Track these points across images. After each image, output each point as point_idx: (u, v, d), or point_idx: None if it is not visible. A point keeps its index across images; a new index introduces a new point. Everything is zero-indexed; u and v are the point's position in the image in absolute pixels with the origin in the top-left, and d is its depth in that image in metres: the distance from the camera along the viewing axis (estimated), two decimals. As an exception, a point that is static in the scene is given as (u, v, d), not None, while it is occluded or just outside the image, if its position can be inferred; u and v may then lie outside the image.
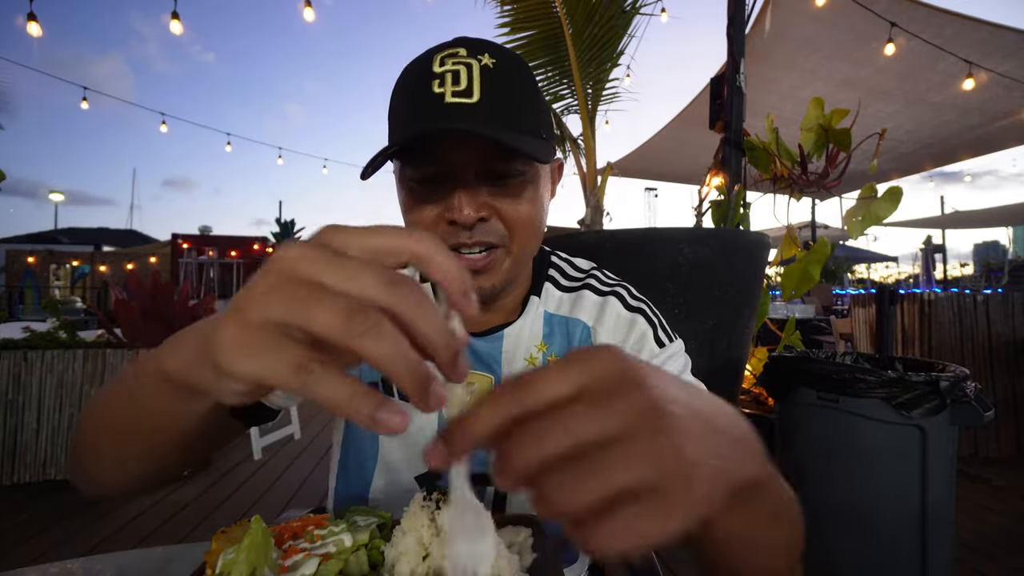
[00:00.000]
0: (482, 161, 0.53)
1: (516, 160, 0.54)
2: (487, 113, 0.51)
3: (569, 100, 3.24)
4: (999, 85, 5.30)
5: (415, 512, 0.44)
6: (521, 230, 0.56)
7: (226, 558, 0.38)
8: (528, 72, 0.58)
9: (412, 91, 0.54)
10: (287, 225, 15.84)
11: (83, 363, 2.55)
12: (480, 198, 0.54)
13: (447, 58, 0.53)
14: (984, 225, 17.03)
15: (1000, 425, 2.94)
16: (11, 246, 15.99)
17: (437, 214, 0.55)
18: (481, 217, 0.54)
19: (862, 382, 1.59)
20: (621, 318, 0.66)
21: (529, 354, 0.66)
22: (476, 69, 0.52)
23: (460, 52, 0.54)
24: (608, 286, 0.69)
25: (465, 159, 0.53)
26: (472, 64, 0.53)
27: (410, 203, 0.57)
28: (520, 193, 0.56)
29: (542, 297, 0.68)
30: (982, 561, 1.86)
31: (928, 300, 3.01)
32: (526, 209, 0.56)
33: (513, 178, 0.55)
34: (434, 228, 0.55)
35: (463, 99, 0.51)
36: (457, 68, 0.52)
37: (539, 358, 0.66)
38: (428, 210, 0.55)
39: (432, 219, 0.55)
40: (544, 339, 0.66)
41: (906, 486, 1.57)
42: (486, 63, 0.53)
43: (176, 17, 5.06)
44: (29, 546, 1.97)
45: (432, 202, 0.55)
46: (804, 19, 4.68)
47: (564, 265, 0.73)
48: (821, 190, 2.49)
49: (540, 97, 0.60)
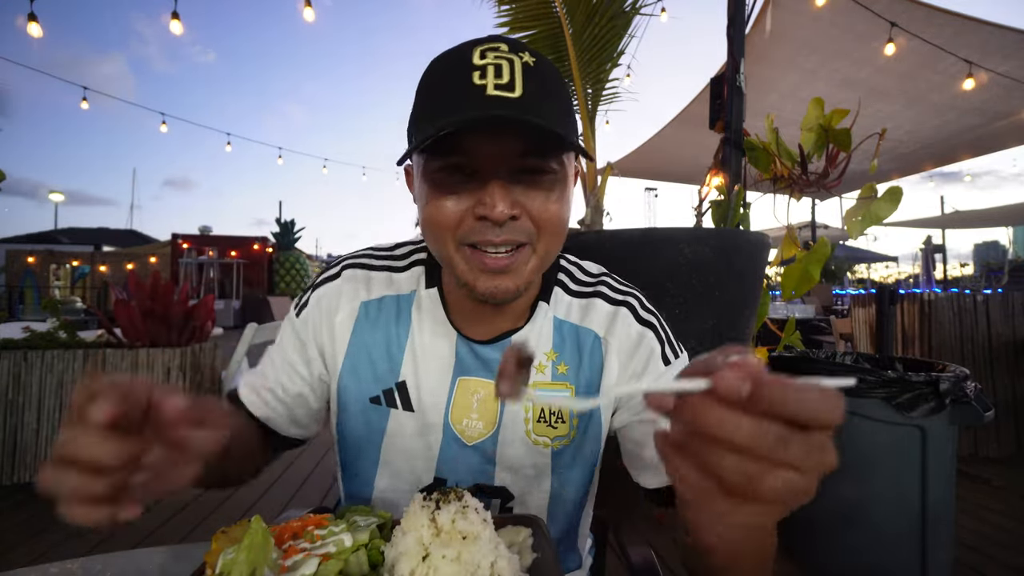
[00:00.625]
0: (518, 157, 0.52)
1: (551, 158, 0.53)
2: (529, 109, 0.49)
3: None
4: (999, 85, 5.30)
5: (415, 512, 0.44)
6: (550, 230, 0.55)
7: (226, 558, 0.39)
8: (561, 77, 0.57)
9: (450, 81, 0.52)
10: (287, 225, 15.80)
11: (83, 363, 2.55)
12: (513, 195, 0.52)
13: (488, 51, 0.52)
14: (984, 225, 17.02)
15: (1000, 425, 2.94)
16: (11, 246, 16.00)
17: (465, 209, 0.53)
18: (512, 215, 0.52)
19: (862, 382, 1.59)
20: (631, 331, 0.65)
21: (538, 362, 0.64)
22: (518, 65, 0.51)
23: (501, 47, 0.52)
24: (620, 294, 0.68)
25: (501, 153, 0.51)
26: (514, 60, 0.51)
27: (434, 196, 0.54)
28: (551, 193, 0.54)
29: (551, 302, 0.67)
30: (982, 561, 1.86)
31: (928, 300, 3.01)
32: (555, 209, 0.55)
33: (546, 176, 0.54)
34: (459, 223, 0.53)
35: (506, 93, 0.49)
36: (499, 62, 0.51)
37: (548, 367, 0.64)
38: (455, 204, 0.53)
39: (458, 214, 0.53)
40: (554, 347, 0.65)
41: (906, 486, 1.57)
42: (527, 60, 0.52)
43: (176, 17, 5.06)
44: (29, 546, 1.97)
45: (460, 195, 0.53)
46: (804, 19, 4.68)
47: (573, 269, 0.71)
48: (821, 190, 2.48)
49: (571, 101, 0.59)
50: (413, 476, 0.65)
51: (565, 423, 0.63)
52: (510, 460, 0.63)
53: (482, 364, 0.64)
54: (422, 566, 0.40)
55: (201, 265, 14.05)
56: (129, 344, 2.69)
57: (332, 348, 0.66)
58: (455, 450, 0.63)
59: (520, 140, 0.51)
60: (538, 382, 0.63)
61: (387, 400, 0.64)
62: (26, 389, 2.50)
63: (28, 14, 4.80)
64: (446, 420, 0.63)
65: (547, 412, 0.63)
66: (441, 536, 0.42)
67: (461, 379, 0.64)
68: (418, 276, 0.68)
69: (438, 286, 0.66)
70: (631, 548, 0.73)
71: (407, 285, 0.68)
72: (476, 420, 0.63)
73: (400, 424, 0.64)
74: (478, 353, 0.64)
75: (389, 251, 0.71)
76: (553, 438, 0.63)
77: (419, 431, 0.64)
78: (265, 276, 15.04)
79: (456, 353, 0.64)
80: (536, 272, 0.57)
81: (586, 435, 0.65)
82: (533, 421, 0.63)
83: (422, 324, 0.65)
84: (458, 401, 0.63)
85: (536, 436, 0.63)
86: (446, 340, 0.64)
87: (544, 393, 0.63)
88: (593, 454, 0.67)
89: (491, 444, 0.63)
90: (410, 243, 0.73)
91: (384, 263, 0.69)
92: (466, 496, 0.46)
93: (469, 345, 0.64)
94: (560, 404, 0.52)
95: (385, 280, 0.68)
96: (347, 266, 0.69)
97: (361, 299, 0.67)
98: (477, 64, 0.50)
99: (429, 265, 0.68)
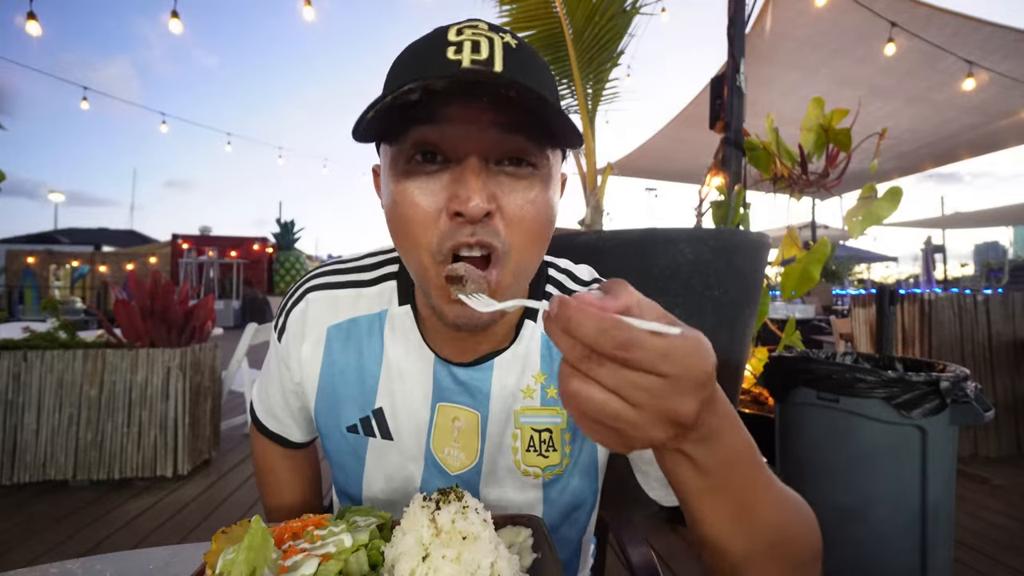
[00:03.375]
0: (494, 140, 0.45)
1: (531, 151, 0.46)
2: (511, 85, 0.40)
3: (569, 100, 3.24)
4: (999, 85, 5.30)
5: (415, 512, 0.44)
6: (524, 236, 0.47)
7: (226, 558, 0.38)
8: (549, 68, 0.50)
9: (420, 57, 0.45)
10: (287, 225, 15.79)
11: (83, 363, 2.55)
12: (489, 187, 0.45)
13: (465, 28, 0.45)
14: (984, 225, 17.02)
15: (1000, 425, 2.94)
16: (11, 246, 15.99)
17: (438, 208, 0.45)
18: (487, 210, 0.44)
19: (862, 382, 1.59)
20: None
21: (526, 385, 0.59)
22: (499, 43, 0.45)
23: (480, 25, 0.46)
24: None
25: (478, 134, 0.44)
26: (494, 38, 0.45)
27: (401, 189, 0.46)
28: (530, 191, 0.47)
29: (539, 319, 0.60)
30: (982, 561, 1.86)
31: (928, 300, 3.01)
32: (532, 212, 0.47)
33: (526, 169, 0.47)
34: (433, 226, 0.46)
35: (484, 68, 0.43)
36: (478, 39, 0.44)
37: (537, 390, 0.59)
38: (426, 199, 0.46)
39: (432, 215, 0.45)
40: (543, 369, 0.59)
41: (906, 486, 1.57)
42: (508, 41, 0.45)
43: (176, 16, 5.06)
44: (29, 546, 1.97)
45: (432, 188, 0.46)
46: (804, 19, 4.68)
47: (563, 278, 0.64)
48: (821, 190, 2.49)
49: (558, 93, 0.52)
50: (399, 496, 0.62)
51: (556, 451, 0.59)
52: (493, 499, 0.59)
53: (462, 389, 0.58)
54: (422, 566, 0.40)
55: (201, 265, 14.05)
56: (129, 344, 2.69)
57: (301, 377, 0.62)
58: (438, 479, 0.59)
59: (496, 119, 0.44)
60: (526, 407, 0.58)
61: (364, 429, 0.60)
62: (26, 389, 2.50)
63: (28, 13, 4.81)
64: (427, 449, 0.59)
65: (536, 440, 0.58)
66: (441, 536, 0.42)
67: (440, 405, 0.59)
68: (389, 293, 0.62)
69: (411, 303, 0.60)
70: (631, 548, 0.72)
71: (377, 304, 0.61)
72: (458, 450, 0.59)
73: (380, 452, 0.60)
74: (457, 377, 0.58)
75: (356, 263, 0.65)
76: (544, 467, 0.59)
77: (400, 460, 0.60)
78: (265, 276, 15.04)
79: (434, 377, 0.59)
80: (511, 287, 0.49)
81: (579, 463, 0.60)
82: (522, 450, 0.58)
83: (396, 346, 0.60)
84: (439, 428, 0.59)
85: (526, 466, 0.59)
86: (422, 363, 0.59)
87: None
88: (591, 483, 0.62)
89: (474, 477, 0.59)
90: (380, 252, 0.66)
91: (350, 278, 0.63)
92: (466, 496, 0.46)
93: (448, 368, 0.58)
94: (504, 306, 0.40)
95: (352, 298, 0.62)
96: (308, 289, 0.63)
97: (327, 324, 0.61)
98: (452, 40, 0.44)
99: (401, 279, 0.62)
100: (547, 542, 0.48)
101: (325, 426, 0.63)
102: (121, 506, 2.34)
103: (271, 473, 0.73)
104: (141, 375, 2.59)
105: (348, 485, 0.64)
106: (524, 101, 0.41)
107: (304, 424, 0.70)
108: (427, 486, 0.60)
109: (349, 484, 0.64)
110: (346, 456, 0.62)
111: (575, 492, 0.61)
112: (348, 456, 0.62)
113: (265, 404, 0.69)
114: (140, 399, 2.58)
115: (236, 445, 3.28)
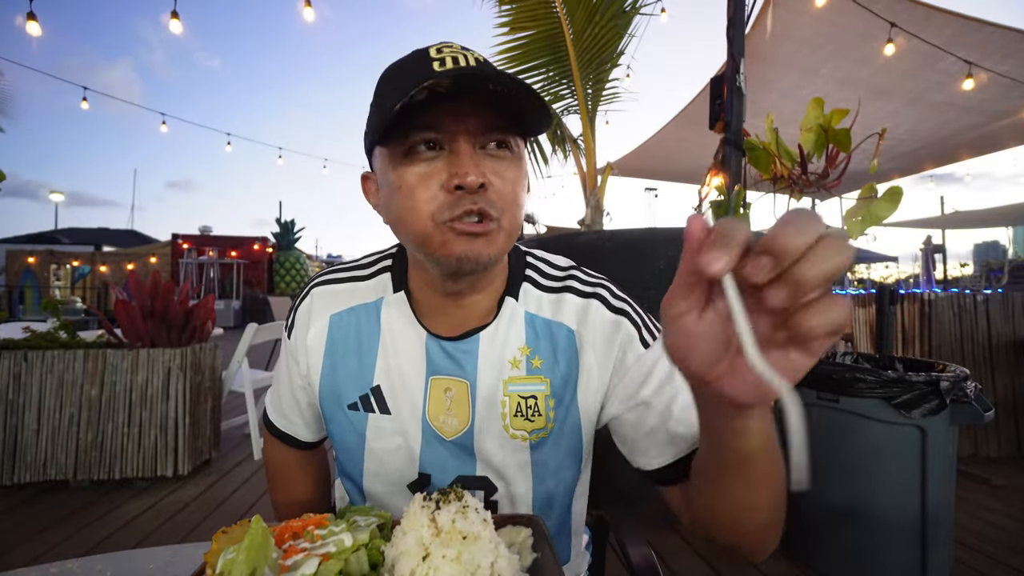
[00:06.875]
0: (481, 129, 0.53)
1: (509, 137, 0.55)
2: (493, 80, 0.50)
3: (569, 100, 3.24)
4: (999, 85, 5.30)
5: (415, 512, 0.44)
6: (511, 206, 0.56)
7: (226, 558, 0.39)
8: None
9: (409, 71, 0.54)
10: (287, 225, 15.78)
11: (83, 363, 2.55)
12: (480, 166, 0.53)
13: (443, 47, 0.55)
14: (984, 225, 17.02)
15: (1000, 425, 2.94)
16: (11, 246, 15.97)
17: (439, 184, 0.53)
18: (482, 183, 0.53)
19: (862, 382, 1.59)
20: (605, 321, 0.65)
21: (512, 356, 0.64)
22: (471, 57, 0.54)
23: (454, 45, 0.55)
24: (590, 286, 0.67)
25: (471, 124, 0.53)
26: (468, 54, 0.54)
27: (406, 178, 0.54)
28: (509, 169, 0.56)
29: (520, 298, 0.66)
30: (982, 561, 1.86)
31: (928, 300, 3.01)
32: (512, 189, 0.56)
33: (503, 151, 0.56)
34: (434, 199, 0.53)
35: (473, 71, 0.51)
36: (455, 54, 0.54)
37: (523, 361, 0.64)
38: (429, 180, 0.54)
39: (434, 189, 0.53)
40: (527, 342, 0.65)
41: (906, 486, 1.57)
42: (478, 56, 0.55)
43: (176, 16, 5.06)
44: (29, 546, 1.97)
45: (433, 173, 0.54)
46: (804, 19, 4.68)
47: (542, 265, 0.70)
48: (821, 190, 2.48)
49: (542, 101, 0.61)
50: (398, 474, 0.66)
51: (542, 416, 0.64)
52: (488, 453, 0.64)
53: (452, 362, 0.64)
54: (422, 566, 0.40)
55: (201, 265, 14.05)
56: (129, 344, 2.69)
57: (308, 364, 0.69)
58: (435, 446, 0.65)
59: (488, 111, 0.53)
60: (513, 377, 0.64)
61: (364, 406, 0.66)
62: (26, 389, 2.50)
63: (27, 13, 4.81)
64: (424, 419, 0.65)
65: (523, 406, 0.64)
66: (441, 536, 0.42)
67: (433, 378, 0.65)
68: (384, 283, 0.70)
69: (405, 289, 0.68)
70: (631, 548, 0.72)
71: (374, 293, 0.69)
72: (451, 417, 0.64)
73: (379, 427, 0.65)
74: (447, 350, 0.64)
75: (355, 263, 0.74)
76: (530, 431, 0.64)
77: (398, 431, 0.65)
78: (265, 276, 15.04)
79: (427, 352, 0.65)
80: (505, 246, 0.57)
81: (564, 426, 0.65)
82: (510, 415, 0.64)
83: (392, 327, 0.67)
84: (433, 400, 0.65)
85: (513, 430, 0.64)
86: (416, 340, 0.65)
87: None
88: (575, 445, 0.66)
89: (468, 439, 0.64)
90: (375, 253, 0.75)
91: (349, 275, 0.72)
92: (466, 496, 0.46)
93: (438, 343, 0.65)
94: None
95: (351, 291, 0.70)
96: (315, 285, 0.72)
97: (329, 312, 0.69)
98: (434, 56, 0.53)
99: (395, 271, 0.70)
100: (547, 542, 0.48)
101: (329, 409, 0.68)
102: (121, 506, 2.34)
103: (280, 471, 0.78)
104: (141, 375, 2.59)
105: (351, 464, 0.68)
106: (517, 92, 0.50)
107: (312, 422, 0.74)
108: (426, 451, 0.65)
109: (352, 462, 0.68)
110: (348, 435, 0.67)
111: (561, 453, 0.66)
112: (350, 434, 0.67)
113: (276, 404, 0.75)
114: (140, 399, 2.58)
115: (236, 445, 3.28)
